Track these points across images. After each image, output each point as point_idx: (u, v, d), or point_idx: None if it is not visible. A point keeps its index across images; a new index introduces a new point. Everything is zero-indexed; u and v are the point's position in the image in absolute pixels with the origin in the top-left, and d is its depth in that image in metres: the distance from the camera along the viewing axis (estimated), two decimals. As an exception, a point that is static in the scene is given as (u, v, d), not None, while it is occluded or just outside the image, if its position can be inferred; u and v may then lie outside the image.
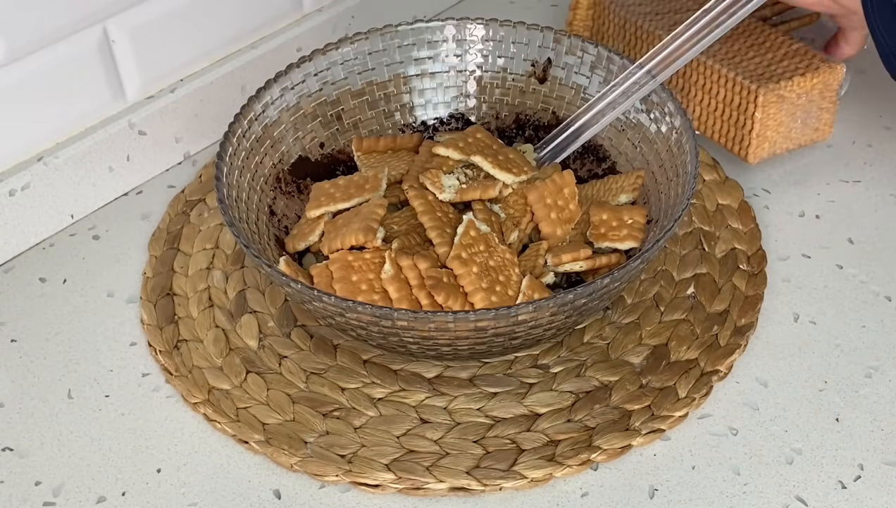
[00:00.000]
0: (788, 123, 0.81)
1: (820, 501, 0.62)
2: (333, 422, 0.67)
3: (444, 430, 0.66)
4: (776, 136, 0.81)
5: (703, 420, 0.67)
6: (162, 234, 0.80)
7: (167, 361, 0.70)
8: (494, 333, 0.63)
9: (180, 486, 0.64)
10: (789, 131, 0.81)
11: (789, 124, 0.81)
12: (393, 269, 0.67)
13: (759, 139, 0.80)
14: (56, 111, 0.78)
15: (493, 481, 0.63)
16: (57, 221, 0.80)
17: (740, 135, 0.81)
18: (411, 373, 0.69)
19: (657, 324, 0.72)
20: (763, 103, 0.79)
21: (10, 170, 0.77)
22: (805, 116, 0.81)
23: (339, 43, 0.80)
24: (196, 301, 0.74)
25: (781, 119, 0.80)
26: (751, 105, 0.79)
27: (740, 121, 0.81)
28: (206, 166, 0.86)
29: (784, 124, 0.81)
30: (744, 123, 0.80)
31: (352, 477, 0.63)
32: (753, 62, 0.81)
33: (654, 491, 0.63)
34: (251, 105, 0.75)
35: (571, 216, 0.73)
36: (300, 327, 0.72)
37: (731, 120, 0.81)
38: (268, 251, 0.71)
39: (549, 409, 0.67)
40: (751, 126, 0.80)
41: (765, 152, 0.82)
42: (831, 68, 0.80)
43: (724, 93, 0.81)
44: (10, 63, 0.74)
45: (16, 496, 0.63)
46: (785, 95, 0.79)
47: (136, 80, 0.82)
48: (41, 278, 0.77)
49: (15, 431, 0.67)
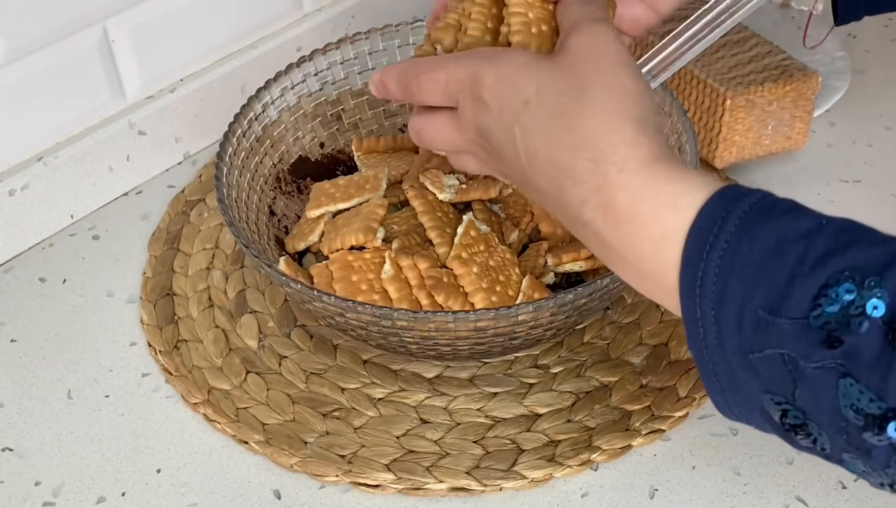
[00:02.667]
0: (759, 130, 0.80)
1: (820, 501, 0.62)
2: (333, 422, 0.66)
3: (444, 430, 0.66)
4: (745, 141, 0.80)
5: (703, 420, 0.67)
6: (162, 234, 0.80)
7: (167, 361, 0.70)
8: (494, 333, 0.63)
9: (180, 486, 0.64)
10: (759, 138, 0.81)
11: (759, 131, 0.80)
12: (393, 269, 0.67)
13: (727, 143, 0.80)
14: (56, 111, 0.78)
15: (493, 481, 0.63)
16: (57, 221, 0.80)
17: (709, 138, 0.81)
18: (411, 373, 0.69)
19: (657, 324, 0.72)
20: (731, 108, 0.78)
21: (10, 170, 0.77)
22: (777, 123, 0.80)
23: (339, 43, 0.80)
24: (196, 301, 0.74)
25: (751, 124, 0.80)
26: (719, 108, 0.79)
27: (709, 124, 0.80)
28: (206, 166, 0.86)
29: (753, 130, 0.80)
30: (712, 126, 0.80)
31: (352, 478, 0.63)
32: (727, 65, 0.81)
33: (654, 491, 0.63)
34: (251, 105, 0.75)
35: None
36: (300, 327, 0.72)
37: (700, 122, 0.81)
38: (268, 251, 0.71)
39: (549, 409, 0.67)
40: (718, 129, 0.79)
41: (732, 157, 0.81)
42: (806, 77, 0.80)
43: (696, 95, 0.81)
44: (10, 63, 0.74)
45: (16, 496, 0.63)
46: (755, 100, 0.78)
47: (135, 79, 0.82)
48: (41, 278, 0.77)
49: (15, 431, 0.67)
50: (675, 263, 0.47)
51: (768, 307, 0.44)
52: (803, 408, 0.45)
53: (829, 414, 0.44)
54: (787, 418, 0.45)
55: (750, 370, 0.45)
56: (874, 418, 0.42)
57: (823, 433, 0.45)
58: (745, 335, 0.45)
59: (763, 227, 0.45)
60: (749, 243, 0.45)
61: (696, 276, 0.46)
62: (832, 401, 0.43)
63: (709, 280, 0.45)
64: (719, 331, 0.46)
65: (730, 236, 0.45)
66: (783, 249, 0.44)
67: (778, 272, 0.44)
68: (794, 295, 0.43)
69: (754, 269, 0.44)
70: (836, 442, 0.45)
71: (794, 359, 0.43)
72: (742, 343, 0.45)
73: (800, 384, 0.44)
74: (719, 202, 0.47)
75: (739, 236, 0.45)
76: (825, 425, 0.44)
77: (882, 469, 0.44)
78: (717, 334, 0.46)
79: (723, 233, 0.46)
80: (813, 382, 0.43)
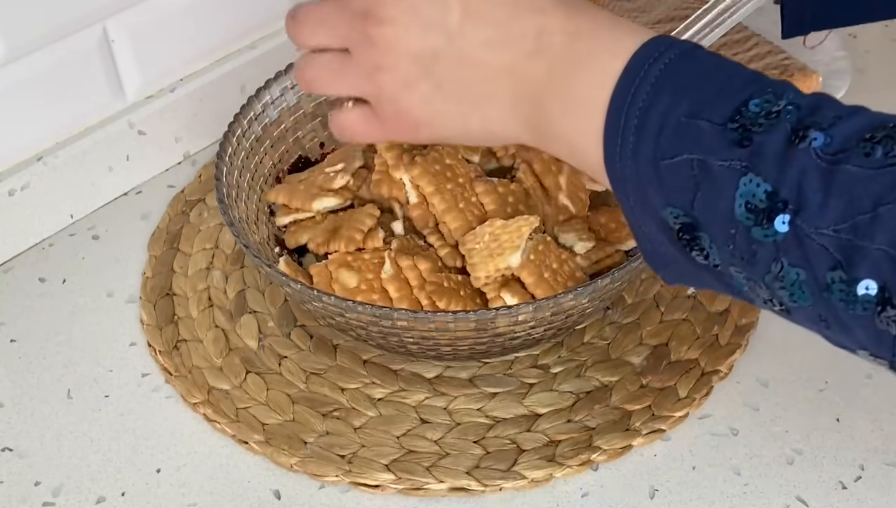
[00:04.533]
0: None
1: (820, 501, 0.62)
2: (333, 422, 0.66)
3: (444, 430, 0.66)
4: None
5: (703, 420, 0.67)
6: (162, 234, 0.80)
7: (167, 361, 0.70)
8: (494, 333, 0.63)
9: (180, 486, 0.64)
10: None
11: None
12: (393, 269, 0.67)
13: None
14: (56, 111, 0.78)
15: (493, 481, 0.63)
16: (56, 221, 0.80)
17: None
18: (411, 373, 0.69)
19: (657, 324, 0.72)
20: None
21: (10, 170, 0.77)
22: None
23: (339, 43, 0.80)
24: (196, 301, 0.74)
25: None
26: None
27: None
28: (205, 166, 0.86)
29: None
30: None
31: (352, 478, 0.63)
32: None
33: (654, 492, 0.63)
34: (251, 105, 0.75)
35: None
36: (300, 327, 0.72)
37: None
38: (268, 251, 0.71)
39: (549, 409, 0.67)
40: None
41: None
42: (806, 77, 0.80)
43: None
44: (10, 63, 0.74)
45: (16, 496, 0.63)
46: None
47: (135, 79, 0.82)
48: (41, 278, 0.77)
49: (15, 431, 0.67)
50: (608, 87, 0.50)
51: (691, 113, 0.47)
52: (698, 217, 0.47)
53: (722, 220, 0.46)
54: (683, 232, 0.48)
55: (657, 181, 0.48)
56: (765, 212, 0.45)
57: (714, 244, 0.47)
58: (661, 141, 0.47)
59: (703, 57, 0.49)
60: (688, 65, 0.48)
61: (630, 87, 0.49)
62: (728, 202, 0.46)
63: (640, 93, 0.48)
64: (637, 140, 0.48)
65: (669, 60, 0.48)
66: (717, 71, 0.48)
67: (708, 87, 0.47)
68: (718, 104, 0.47)
69: (686, 84, 0.48)
70: (724, 254, 0.47)
71: (702, 162, 0.46)
72: (656, 150, 0.47)
73: (702, 187, 0.46)
74: (660, 40, 0.50)
75: (679, 59, 0.49)
76: (716, 233, 0.47)
77: (762, 277, 0.46)
78: (634, 143, 0.48)
79: (664, 56, 0.49)
80: (716, 182, 0.46)
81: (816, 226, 0.43)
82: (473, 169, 0.71)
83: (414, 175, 0.69)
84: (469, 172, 0.70)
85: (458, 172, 0.70)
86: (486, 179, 0.70)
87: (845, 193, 0.43)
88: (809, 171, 0.44)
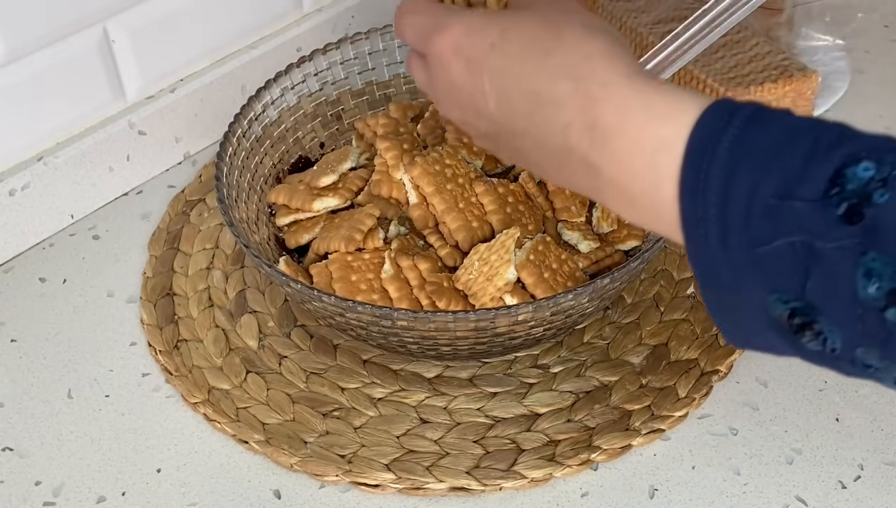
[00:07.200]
0: None
1: (820, 501, 0.62)
2: (333, 422, 0.67)
3: (444, 430, 0.66)
4: None
5: (703, 420, 0.67)
6: (162, 234, 0.80)
7: (167, 361, 0.70)
8: (494, 333, 0.63)
9: (180, 486, 0.64)
10: None
11: None
12: (393, 269, 0.67)
13: None
14: (56, 111, 0.78)
15: (493, 481, 0.63)
16: (57, 221, 0.80)
17: None
18: (411, 373, 0.69)
19: (657, 324, 0.72)
20: None
21: (10, 170, 0.77)
22: None
23: (339, 43, 0.80)
24: (196, 301, 0.74)
25: None
26: None
27: None
28: (206, 166, 0.86)
29: None
30: None
31: (352, 477, 0.63)
32: (727, 65, 0.81)
33: (654, 491, 0.63)
34: (251, 105, 0.75)
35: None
36: (300, 327, 0.72)
37: None
38: (268, 251, 0.71)
39: (549, 409, 0.67)
40: None
41: None
42: (806, 76, 0.80)
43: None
44: (10, 63, 0.74)
45: (16, 496, 0.63)
46: (755, 100, 0.78)
47: (136, 80, 0.82)
48: (41, 278, 0.77)
49: (15, 431, 0.67)
50: (671, 173, 0.45)
51: (780, 194, 0.41)
52: (813, 302, 0.42)
53: (843, 302, 0.41)
54: (794, 317, 0.43)
55: (755, 267, 0.43)
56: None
57: (835, 327, 0.42)
58: (752, 226, 0.42)
59: (771, 120, 0.44)
60: (759, 134, 0.43)
61: (699, 173, 0.44)
62: (849, 284, 0.41)
63: (714, 175, 0.43)
64: (723, 228, 0.43)
65: (737, 130, 0.43)
66: (794, 137, 0.43)
67: (790, 158, 0.42)
68: (809, 177, 0.41)
69: (764, 158, 0.42)
70: (848, 335, 0.42)
71: (807, 244, 0.41)
72: (749, 237, 0.42)
73: (813, 272, 0.41)
74: (719, 108, 0.45)
75: (746, 128, 0.43)
76: (838, 316, 0.42)
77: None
78: (720, 231, 0.43)
79: (730, 128, 0.44)
80: (829, 265, 0.41)
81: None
82: (473, 169, 0.71)
83: (414, 175, 0.69)
84: (469, 172, 0.71)
85: (458, 173, 0.70)
86: (486, 179, 0.71)
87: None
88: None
